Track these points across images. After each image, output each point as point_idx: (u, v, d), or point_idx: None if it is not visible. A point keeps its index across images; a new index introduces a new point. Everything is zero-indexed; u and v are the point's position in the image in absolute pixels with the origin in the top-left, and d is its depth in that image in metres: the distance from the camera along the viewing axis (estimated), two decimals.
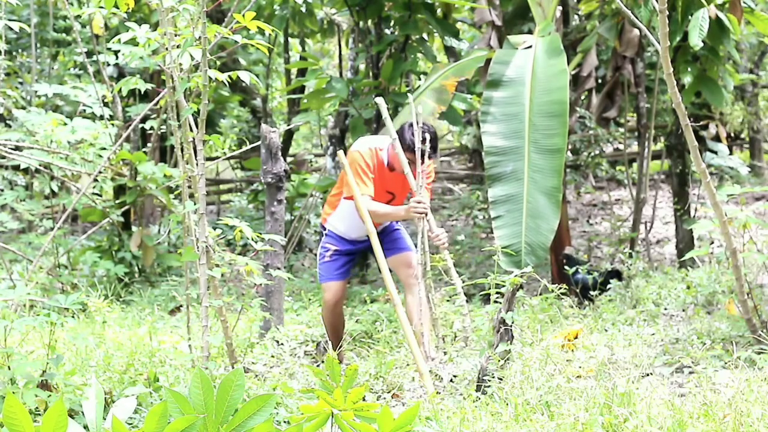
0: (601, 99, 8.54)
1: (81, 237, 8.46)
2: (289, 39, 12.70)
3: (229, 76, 4.43)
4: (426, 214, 5.37)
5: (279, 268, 5.69)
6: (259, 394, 3.69)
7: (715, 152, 10.74)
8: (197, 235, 4.52)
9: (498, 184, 6.43)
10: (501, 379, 4.21)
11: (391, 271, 5.90)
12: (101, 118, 7.75)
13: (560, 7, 8.44)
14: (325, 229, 5.73)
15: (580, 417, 3.61)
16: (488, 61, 7.31)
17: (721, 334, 5.37)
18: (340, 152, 5.75)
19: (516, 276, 4.45)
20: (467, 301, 6.90)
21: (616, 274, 7.40)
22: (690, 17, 6.92)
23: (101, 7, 5.14)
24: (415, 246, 5.52)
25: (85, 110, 7.86)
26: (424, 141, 5.44)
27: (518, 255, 6.06)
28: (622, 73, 8.26)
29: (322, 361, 5.26)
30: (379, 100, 5.62)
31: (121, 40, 5.04)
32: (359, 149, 5.54)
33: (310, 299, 7.37)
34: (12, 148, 7.09)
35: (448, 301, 6.19)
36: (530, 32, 7.94)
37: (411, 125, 5.53)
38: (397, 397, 4.64)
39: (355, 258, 5.81)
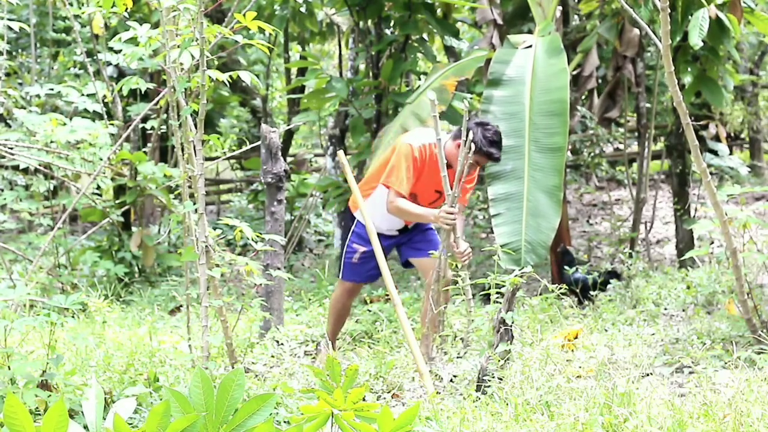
0: (603, 99, 8.54)
1: (81, 237, 8.45)
2: (289, 40, 12.69)
3: (230, 76, 4.44)
4: (454, 226, 5.26)
5: (279, 268, 5.68)
6: (259, 394, 3.69)
7: (715, 152, 10.75)
8: (197, 235, 4.52)
9: (498, 182, 6.43)
10: (501, 379, 4.21)
11: (407, 264, 5.82)
12: (101, 117, 7.75)
13: (560, 7, 8.44)
14: (353, 221, 5.57)
15: (580, 417, 3.61)
16: (488, 60, 7.31)
17: (721, 334, 5.37)
18: (340, 152, 5.73)
19: (516, 276, 4.44)
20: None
21: (615, 275, 7.39)
22: (690, 17, 6.93)
23: (100, 7, 5.15)
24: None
25: (77, 108, 7.85)
26: (495, 144, 5.32)
27: (518, 253, 6.06)
28: (623, 72, 8.26)
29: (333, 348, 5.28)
30: (432, 95, 5.37)
31: (121, 39, 5.04)
32: (412, 143, 5.35)
33: (310, 299, 7.36)
34: (12, 148, 7.10)
35: (451, 298, 6.17)
36: (530, 32, 7.94)
37: (480, 124, 5.36)
38: (397, 397, 4.64)
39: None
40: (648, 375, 4.61)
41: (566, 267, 7.33)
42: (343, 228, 5.73)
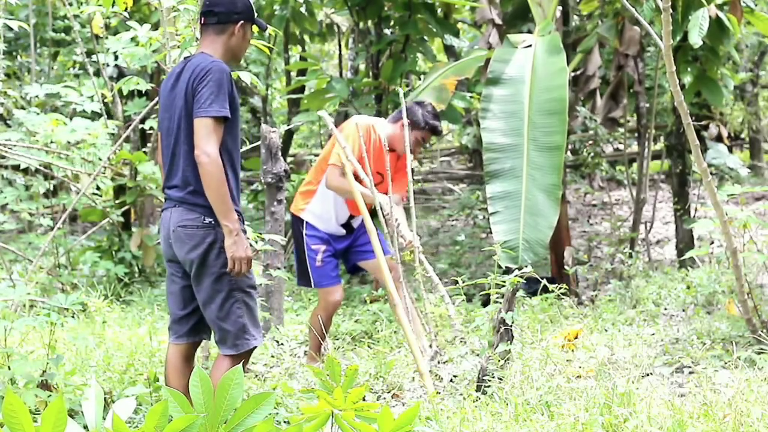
0: (605, 100, 8.54)
1: (81, 237, 8.44)
2: (289, 40, 12.69)
3: None
4: (398, 221, 5.33)
5: (279, 268, 5.69)
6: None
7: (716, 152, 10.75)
8: None
9: (496, 180, 6.43)
10: (501, 379, 4.21)
11: (355, 270, 5.74)
12: (99, 117, 7.74)
13: (560, 7, 8.44)
14: (301, 224, 5.44)
15: (580, 417, 3.61)
16: (488, 60, 7.31)
17: (721, 334, 5.37)
18: (341, 152, 5.71)
19: (516, 276, 4.44)
20: (468, 301, 6.91)
21: (552, 281, 7.16)
22: (690, 17, 6.93)
23: (100, 5, 5.15)
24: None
25: (76, 109, 7.85)
26: (437, 117, 5.58)
27: (516, 251, 6.05)
28: (626, 71, 8.26)
29: (322, 362, 5.26)
30: (323, 113, 5.53)
31: (121, 39, 5.05)
32: (358, 122, 5.44)
33: (310, 299, 7.37)
34: (12, 148, 7.10)
35: (448, 302, 6.18)
36: (530, 32, 7.94)
37: (418, 104, 5.61)
38: (397, 397, 4.64)
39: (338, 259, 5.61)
40: (648, 375, 4.61)
41: (566, 267, 7.31)
42: (294, 235, 5.54)
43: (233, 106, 3.70)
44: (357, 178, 5.29)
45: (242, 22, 3.85)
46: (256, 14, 3.93)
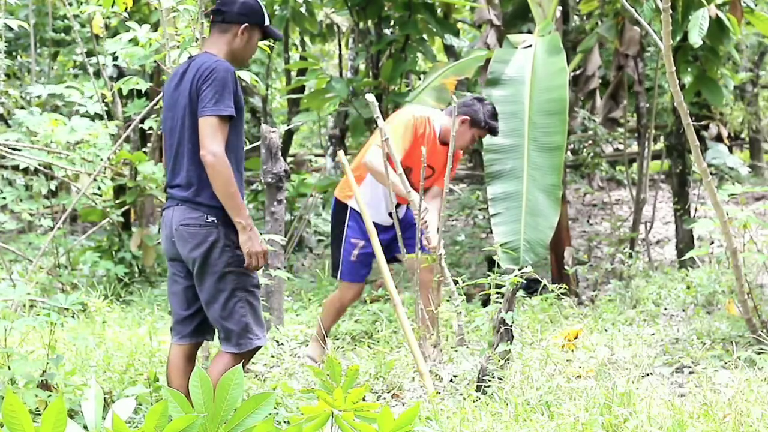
0: (605, 100, 8.55)
1: (81, 237, 8.44)
2: (289, 40, 12.69)
3: None
4: (426, 224, 5.23)
5: (279, 268, 5.68)
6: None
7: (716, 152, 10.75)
8: None
9: (497, 181, 6.43)
10: (501, 379, 4.21)
11: (393, 260, 5.57)
12: (100, 117, 7.74)
13: (560, 7, 8.44)
14: (345, 213, 5.34)
15: (580, 417, 3.61)
16: (488, 60, 7.32)
17: (721, 334, 5.37)
18: (341, 152, 5.70)
19: (516, 276, 4.44)
20: (468, 301, 6.91)
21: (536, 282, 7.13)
22: (690, 17, 6.93)
23: (99, 5, 5.16)
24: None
25: (78, 110, 7.85)
26: (496, 117, 5.41)
27: (517, 252, 6.06)
28: (626, 71, 8.26)
29: (322, 361, 5.26)
30: (370, 97, 5.30)
31: (121, 40, 5.05)
32: (415, 113, 5.32)
33: (310, 299, 7.36)
34: (12, 148, 7.10)
35: (448, 301, 6.18)
36: (530, 32, 7.95)
37: (479, 100, 5.41)
38: (397, 397, 4.64)
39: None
40: (648, 375, 4.61)
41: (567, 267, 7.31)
42: (335, 222, 5.45)
43: (238, 105, 3.69)
44: (409, 174, 5.22)
45: (247, 25, 3.80)
46: (268, 21, 3.86)
